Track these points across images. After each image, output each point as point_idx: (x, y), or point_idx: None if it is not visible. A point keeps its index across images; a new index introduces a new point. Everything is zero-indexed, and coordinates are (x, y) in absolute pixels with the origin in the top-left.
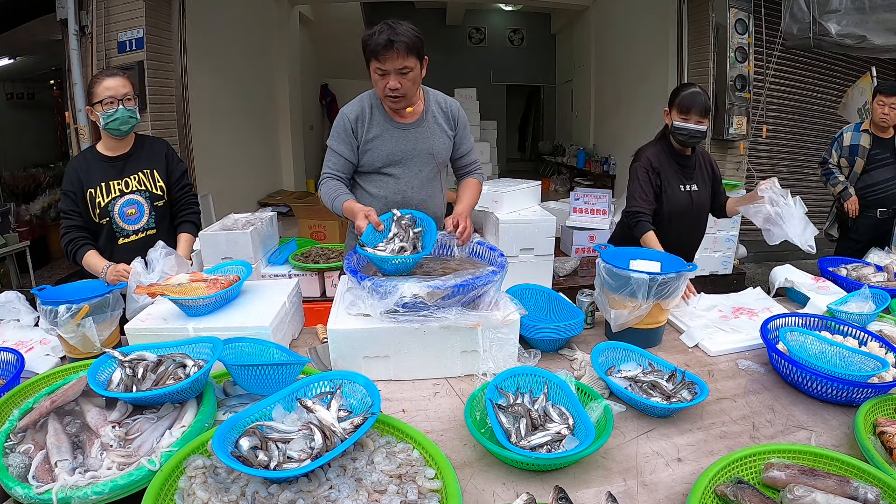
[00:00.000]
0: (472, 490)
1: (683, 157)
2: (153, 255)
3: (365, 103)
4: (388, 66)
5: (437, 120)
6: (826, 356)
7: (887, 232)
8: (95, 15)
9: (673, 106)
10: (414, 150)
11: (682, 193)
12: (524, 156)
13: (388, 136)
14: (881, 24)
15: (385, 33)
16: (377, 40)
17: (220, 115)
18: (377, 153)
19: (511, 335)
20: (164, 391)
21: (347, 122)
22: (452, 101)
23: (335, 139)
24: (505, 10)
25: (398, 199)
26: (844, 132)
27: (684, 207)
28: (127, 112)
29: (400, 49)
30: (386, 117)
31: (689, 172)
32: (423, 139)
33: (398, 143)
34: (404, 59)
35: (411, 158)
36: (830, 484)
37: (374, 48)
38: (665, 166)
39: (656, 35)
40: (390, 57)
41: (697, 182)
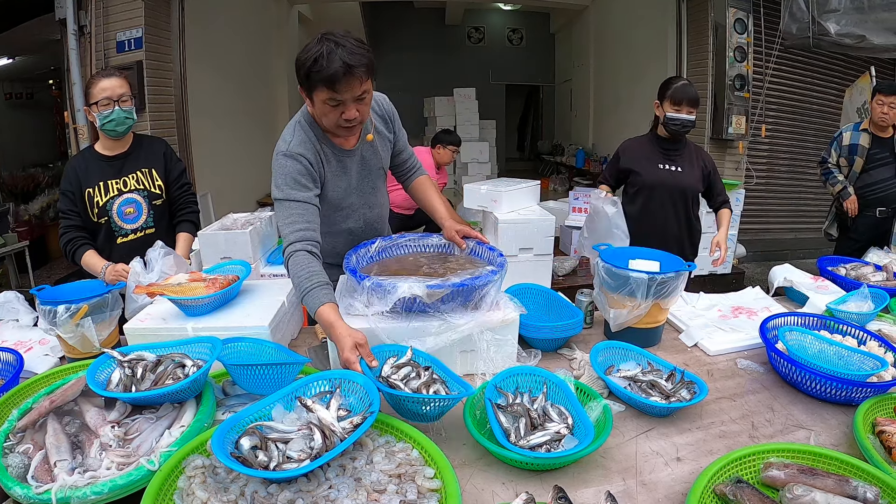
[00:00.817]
0: (471, 489)
1: (668, 143)
2: (152, 255)
3: (311, 137)
4: (346, 95)
5: (377, 128)
6: (825, 355)
7: (886, 231)
8: (94, 14)
9: (665, 98)
10: (367, 172)
11: (658, 171)
12: (523, 155)
13: (340, 171)
14: (880, 24)
15: (337, 59)
16: (329, 67)
17: (220, 114)
18: (337, 191)
19: (510, 335)
20: (163, 391)
21: (306, 167)
22: (382, 97)
23: (293, 188)
24: (504, 10)
25: (360, 225)
26: (844, 131)
27: (661, 183)
28: (123, 113)
29: (360, 74)
30: (334, 148)
31: (672, 155)
32: (371, 157)
33: (352, 171)
34: (362, 84)
35: (366, 181)
36: (829, 483)
37: (330, 77)
38: (641, 150)
39: (655, 34)
40: (350, 85)
41: (683, 166)
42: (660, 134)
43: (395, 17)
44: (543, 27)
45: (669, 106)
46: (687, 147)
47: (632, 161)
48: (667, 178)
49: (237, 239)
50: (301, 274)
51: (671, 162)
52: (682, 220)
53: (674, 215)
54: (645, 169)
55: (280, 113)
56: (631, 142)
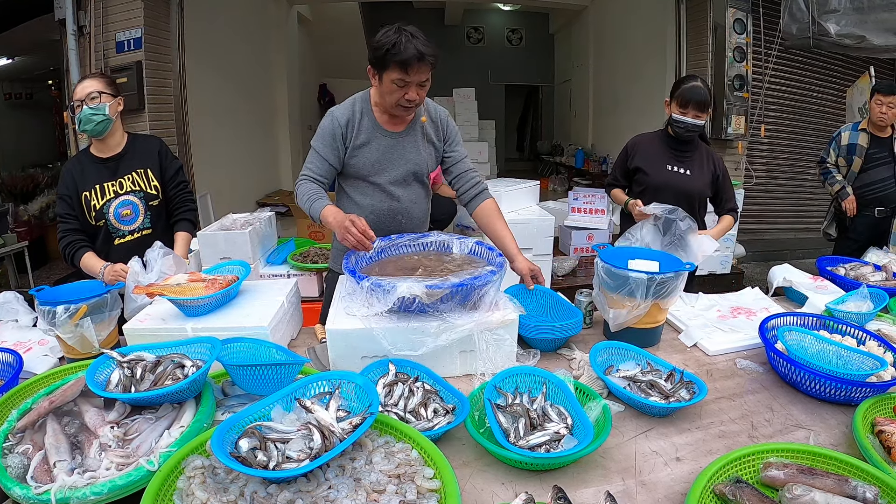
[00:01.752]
0: (470, 490)
1: (679, 143)
2: (151, 256)
3: (356, 107)
4: (413, 79)
5: (425, 129)
6: (824, 355)
7: (885, 231)
8: (94, 15)
9: (673, 98)
10: (401, 159)
11: (666, 172)
12: (522, 155)
13: (375, 143)
14: (880, 24)
15: (413, 46)
16: (406, 52)
17: (219, 114)
18: (363, 160)
19: (509, 335)
20: (162, 392)
21: (338, 127)
22: (442, 111)
23: (321, 141)
24: (503, 10)
25: (384, 207)
26: (842, 131)
27: (668, 184)
28: (89, 111)
29: (431, 62)
30: (375, 124)
31: (681, 157)
32: (410, 148)
33: (385, 151)
34: (427, 73)
35: (397, 167)
36: (829, 483)
37: (404, 60)
38: (651, 148)
39: (655, 34)
40: (419, 70)
41: (692, 169)
42: (670, 133)
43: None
44: (543, 27)
45: (676, 107)
46: (699, 149)
47: (641, 159)
48: (674, 181)
49: (236, 239)
50: (307, 192)
51: (680, 164)
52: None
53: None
54: (652, 169)
55: (279, 113)
56: (641, 138)
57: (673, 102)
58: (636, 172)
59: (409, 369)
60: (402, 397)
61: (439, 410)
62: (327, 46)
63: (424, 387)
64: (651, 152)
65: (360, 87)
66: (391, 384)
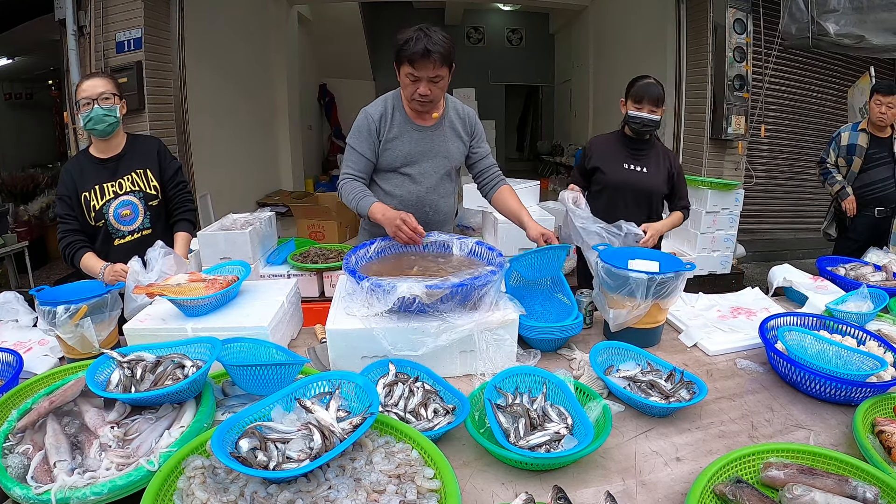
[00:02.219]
0: (470, 490)
1: (635, 142)
2: (152, 255)
3: (388, 103)
4: (422, 74)
5: (453, 125)
6: (824, 355)
7: (885, 231)
8: (94, 15)
9: (628, 96)
10: (430, 152)
11: (623, 170)
12: (523, 155)
13: (406, 137)
14: (879, 24)
15: (422, 41)
16: (414, 48)
17: (219, 114)
18: (396, 153)
19: (509, 335)
20: (162, 392)
21: (372, 122)
22: (469, 110)
23: (357, 138)
24: (503, 10)
25: (412, 198)
26: (842, 132)
27: (625, 182)
28: (101, 111)
29: (436, 59)
30: (406, 118)
31: (638, 155)
32: (439, 142)
33: (416, 144)
34: (438, 69)
35: (427, 160)
36: (829, 483)
37: (411, 55)
38: (608, 148)
39: (654, 35)
40: (425, 65)
41: (648, 167)
42: (626, 133)
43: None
44: (543, 27)
45: (632, 104)
46: (654, 148)
47: (598, 159)
48: (631, 179)
49: (236, 239)
50: (353, 191)
51: (636, 162)
52: (645, 222)
53: (636, 216)
54: (610, 168)
55: (280, 113)
56: (598, 139)
57: (628, 100)
58: (594, 172)
59: (410, 369)
60: (403, 397)
61: (439, 410)
62: (327, 46)
63: (424, 387)
64: (608, 152)
65: (360, 88)
66: (391, 384)
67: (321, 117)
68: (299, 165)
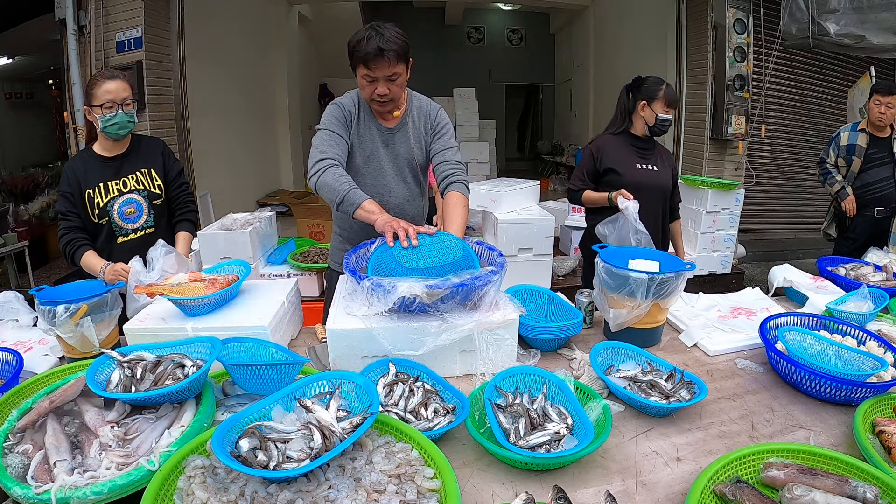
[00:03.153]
0: (470, 490)
1: (642, 142)
2: (153, 254)
3: (354, 99)
4: (378, 73)
5: (415, 124)
6: (825, 356)
7: (885, 231)
8: (94, 14)
9: (656, 99)
10: (391, 154)
11: (637, 170)
12: (523, 155)
13: (368, 136)
14: (880, 24)
15: (374, 40)
16: (366, 48)
17: (219, 114)
18: (360, 151)
19: (509, 335)
20: (162, 391)
21: (346, 111)
22: (433, 106)
23: (332, 123)
24: (503, 10)
25: (376, 200)
26: (842, 132)
27: (642, 182)
28: (126, 117)
29: (390, 57)
30: (370, 118)
31: (646, 155)
32: (401, 143)
33: (377, 145)
34: (393, 67)
35: (389, 161)
36: (829, 483)
37: (364, 56)
38: (618, 149)
39: (655, 34)
40: (380, 65)
41: (657, 164)
42: (635, 133)
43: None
44: (543, 27)
45: (661, 107)
46: (656, 146)
47: (610, 160)
48: (646, 178)
49: (237, 239)
50: (338, 179)
51: (646, 161)
52: (660, 219)
53: (652, 214)
54: (624, 169)
55: (280, 113)
56: (606, 141)
57: (656, 103)
58: (607, 174)
59: (410, 369)
60: (403, 397)
61: (439, 410)
62: (327, 46)
63: (425, 387)
64: (619, 153)
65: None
66: (391, 384)
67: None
68: (299, 165)
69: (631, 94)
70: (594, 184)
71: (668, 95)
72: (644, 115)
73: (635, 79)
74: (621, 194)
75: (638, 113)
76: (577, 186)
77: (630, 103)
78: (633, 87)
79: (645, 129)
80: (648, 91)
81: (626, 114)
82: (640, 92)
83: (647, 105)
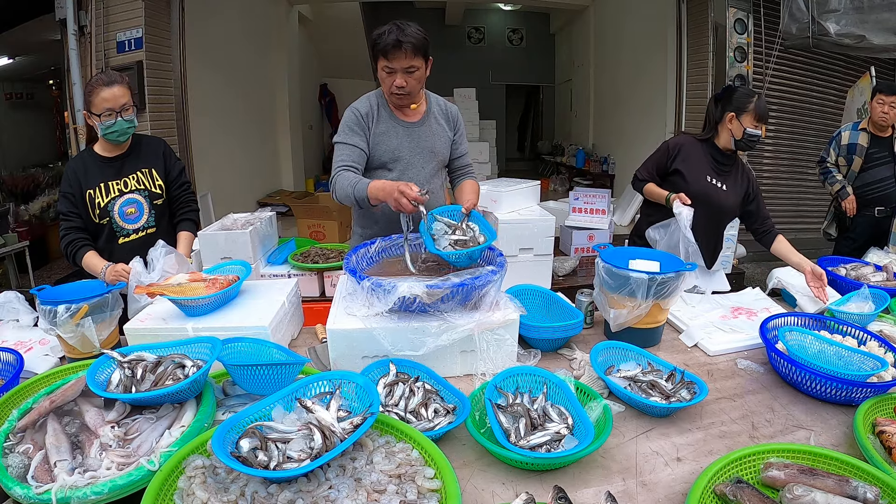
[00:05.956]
0: (471, 490)
1: (723, 156)
2: (154, 255)
3: (372, 101)
4: (396, 65)
5: (438, 120)
6: (825, 356)
7: (885, 231)
8: (94, 15)
9: (746, 112)
10: (417, 147)
11: (705, 183)
12: (523, 155)
13: (392, 132)
14: (880, 24)
15: (394, 33)
16: (386, 40)
17: (220, 114)
18: (382, 148)
19: (510, 335)
20: (162, 392)
21: (360, 116)
22: (452, 105)
23: (346, 133)
24: (504, 10)
25: None
26: (842, 131)
27: (704, 196)
28: (125, 123)
29: (408, 49)
30: (391, 115)
31: (722, 171)
32: (425, 137)
33: (402, 139)
34: (411, 59)
35: (414, 155)
36: (830, 483)
37: (384, 47)
38: (695, 155)
39: (655, 34)
40: (398, 56)
41: (727, 184)
42: (718, 145)
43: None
44: (543, 27)
45: (752, 121)
46: (737, 164)
47: (683, 163)
48: (711, 194)
49: (237, 239)
50: (348, 179)
51: (719, 178)
52: (711, 239)
53: (704, 231)
54: (693, 177)
55: (280, 113)
56: (685, 140)
57: (745, 116)
58: (674, 174)
59: (410, 369)
60: (403, 397)
61: (440, 410)
62: (328, 46)
63: (425, 387)
64: (694, 159)
65: (361, 87)
66: (392, 384)
67: (322, 117)
68: (300, 165)
69: (719, 104)
70: (660, 178)
71: (759, 109)
72: (731, 127)
73: (725, 88)
74: (679, 198)
75: (725, 124)
76: (643, 177)
77: (717, 113)
78: (723, 97)
79: (730, 143)
80: (738, 102)
81: (712, 123)
82: (728, 102)
83: (735, 117)
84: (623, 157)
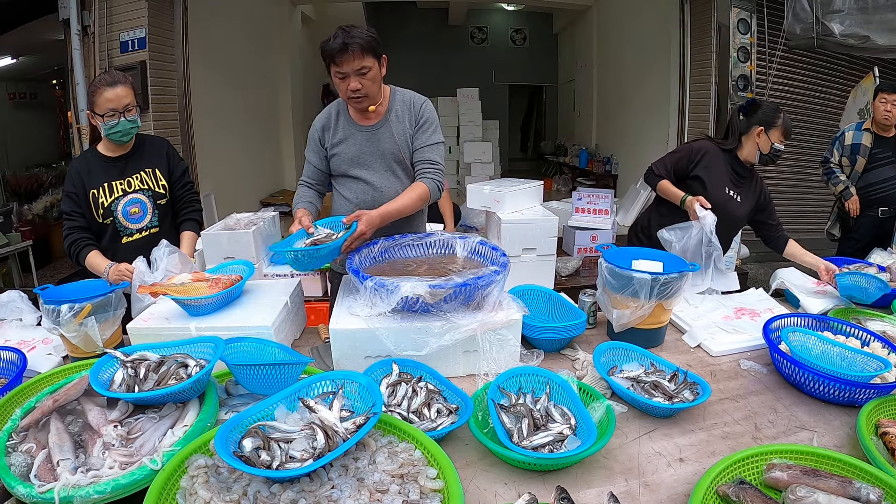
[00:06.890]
0: (473, 490)
1: (742, 168)
2: (157, 254)
3: (332, 111)
4: (347, 69)
5: (399, 119)
6: (828, 357)
7: (889, 231)
8: (98, 15)
9: (775, 127)
10: (377, 151)
11: (723, 194)
12: (526, 155)
13: (351, 139)
14: (884, 25)
15: (340, 37)
16: (333, 45)
17: (223, 114)
18: (342, 157)
19: (513, 335)
20: (165, 391)
21: (315, 132)
22: (419, 99)
23: (308, 149)
24: (507, 10)
25: (368, 199)
26: (846, 131)
27: (722, 206)
28: (129, 123)
29: (355, 50)
30: (349, 121)
31: (739, 182)
32: (385, 139)
33: (361, 145)
34: (361, 60)
35: (376, 160)
36: (832, 484)
37: (331, 53)
38: (717, 164)
39: (658, 34)
40: (347, 59)
41: (742, 195)
42: (740, 156)
43: (398, 17)
44: (546, 27)
45: (778, 136)
46: (753, 175)
47: (705, 170)
48: (726, 204)
49: (240, 239)
50: (294, 199)
51: (736, 189)
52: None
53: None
54: (713, 186)
55: (283, 112)
56: (711, 148)
57: (774, 131)
58: (694, 180)
59: (413, 369)
60: (406, 397)
61: (443, 410)
62: None
63: (428, 387)
64: (716, 169)
65: None
66: (395, 384)
67: None
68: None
69: (744, 116)
70: (675, 179)
71: (787, 125)
72: (759, 141)
73: (749, 101)
74: (699, 201)
75: (752, 138)
76: (660, 172)
77: (742, 125)
78: (748, 110)
79: (754, 156)
80: (767, 117)
81: (737, 135)
82: (755, 116)
83: (763, 132)
84: (626, 158)
